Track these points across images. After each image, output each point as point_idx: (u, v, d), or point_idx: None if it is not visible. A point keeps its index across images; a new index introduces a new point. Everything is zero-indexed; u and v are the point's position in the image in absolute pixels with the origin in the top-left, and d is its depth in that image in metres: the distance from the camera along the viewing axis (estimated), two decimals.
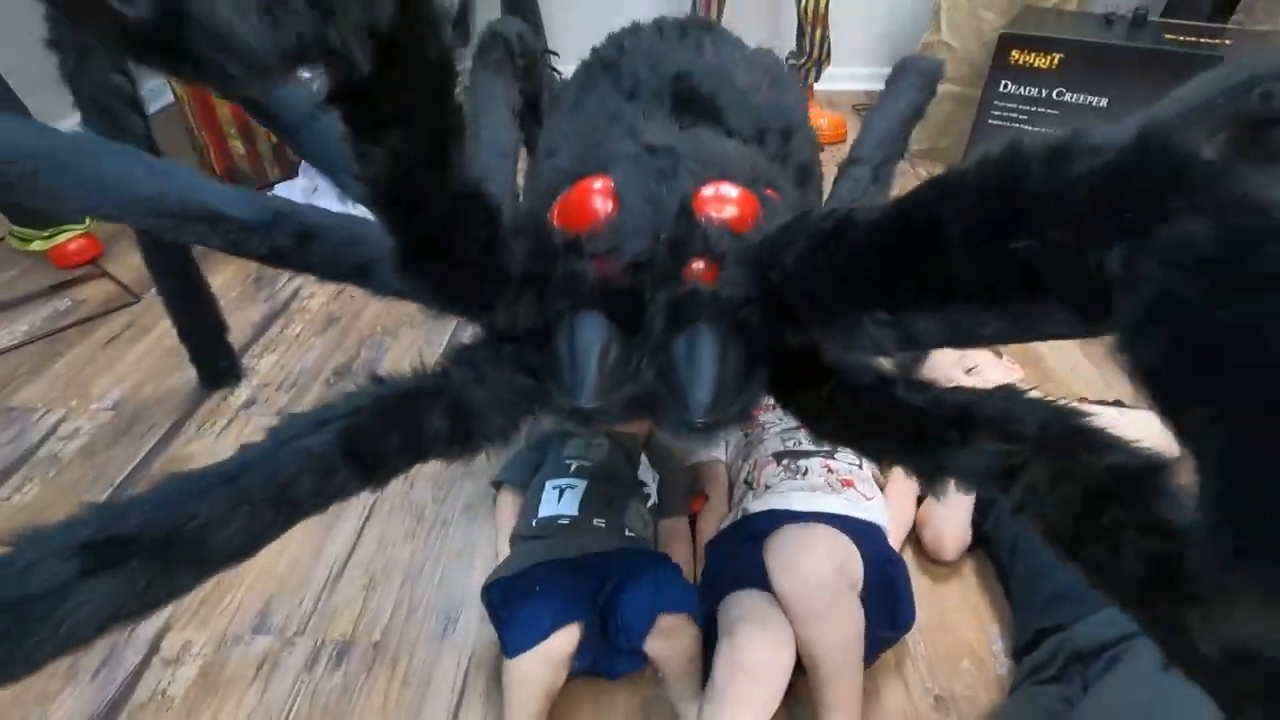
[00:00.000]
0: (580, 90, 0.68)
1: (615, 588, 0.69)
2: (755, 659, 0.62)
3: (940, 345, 0.49)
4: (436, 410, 0.44)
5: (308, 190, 1.61)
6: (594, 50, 0.75)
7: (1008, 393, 0.39)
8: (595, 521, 0.78)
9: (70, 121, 0.84)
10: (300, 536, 0.90)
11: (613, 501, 0.81)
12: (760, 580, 0.69)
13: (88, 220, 1.50)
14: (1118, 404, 0.91)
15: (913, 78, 0.90)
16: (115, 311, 1.35)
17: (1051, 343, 1.24)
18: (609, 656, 0.70)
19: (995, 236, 0.29)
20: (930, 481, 0.40)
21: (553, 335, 0.46)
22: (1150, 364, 0.23)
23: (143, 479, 0.99)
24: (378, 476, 0.42)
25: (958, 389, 0.40)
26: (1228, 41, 1.45)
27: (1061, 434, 0.35)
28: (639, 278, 0.45)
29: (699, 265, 0.45)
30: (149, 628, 0.80)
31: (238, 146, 1.75)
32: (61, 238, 1.46)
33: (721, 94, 0.62)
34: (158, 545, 0.34)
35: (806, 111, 0.77)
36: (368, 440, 0.41)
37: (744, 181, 0.49)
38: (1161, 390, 0.23)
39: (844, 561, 0.69)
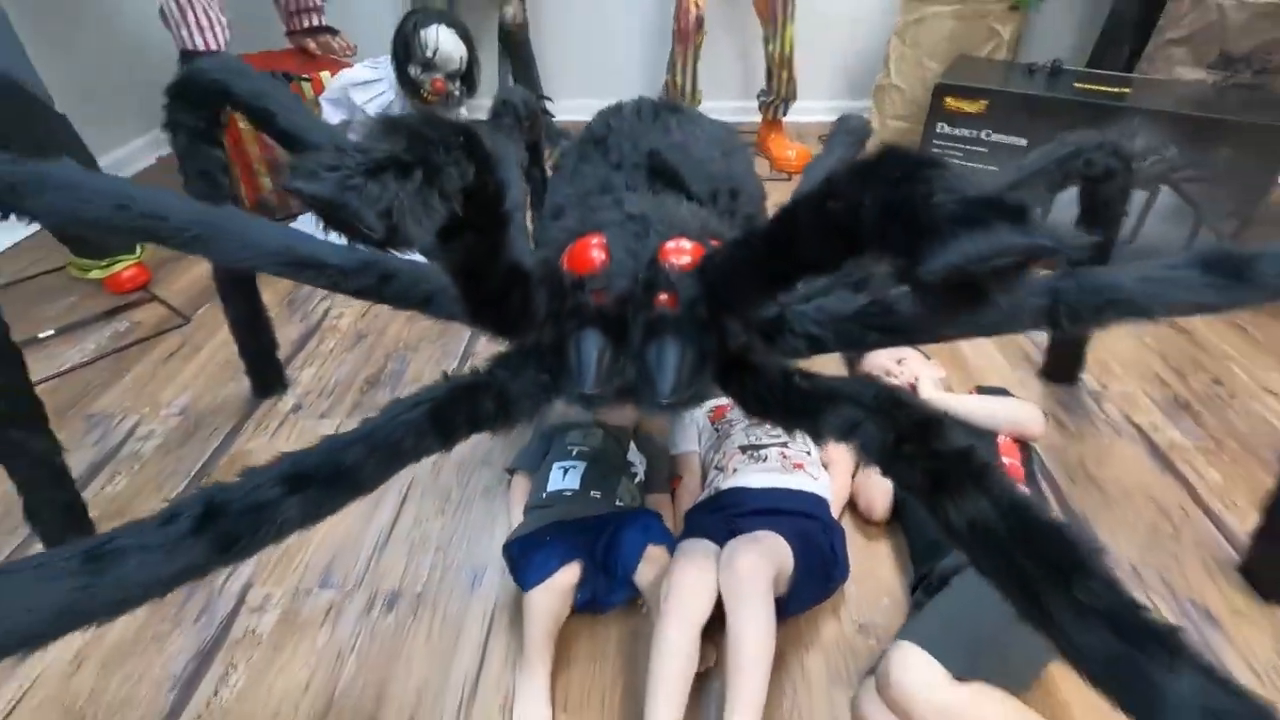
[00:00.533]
0: (579, 160, 0.89)
1: (613, 533, 0.90)
2: (684, 583, 0.81)
3: (831, 350, 0.71)
4: (488, 397, 0.65)
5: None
6: (588, 126, 0.96)
7: (861, 379, 0.60)
8: (592, 493, 0.99)
9: (113, 155, 1.04)
10: (352, 514, 1.10)
11: (607, 478, 1.01)
12: (713, 527, 0.90)
13: (139, 250, 1.70)
14: (1002, 390, 1.14)
15: (844, 135, 1.13)
16: (169, 332, 1.55)
17: (971, 345, 1.48)
18: (604, 590, 0.90)
19: (825, 222, 0.48)
20: (815, 437, 0.62)
21: (565, 345, 0.67)
22: (888, 243, 0.41)
23: (213, 471, 1.19)
24: (450, 441, 0.63)
25: (830, 378, 0.62)
26: (1128, 90, 1.69)
27: (886, 401, 0.57)
28: (623, 306, 0.66)
29: (664, 297, 0.66)
30: (235, 583, 1.00)
31: (265, 183, 1.96)
32: (117, 267, 1.66)
33: (684, 166, 0.84)
34: (327, 478, 0.54)
35: (753, 172, 0.99)
36: (445, 416, 0.62)
37: (695, 236, 0.70)
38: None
39: (776, 561, 0.85)
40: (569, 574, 0.86)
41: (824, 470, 1.08)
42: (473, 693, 0.87)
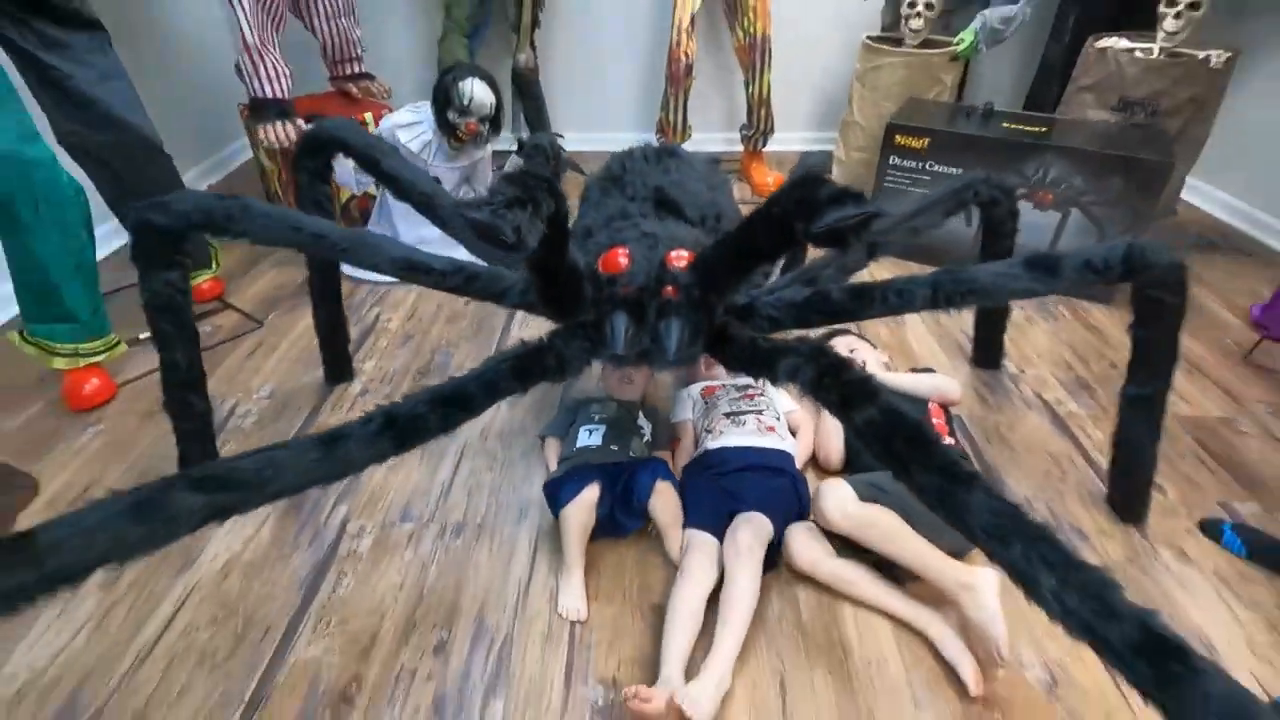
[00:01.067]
0: (601, 194, 1.20)
1: (631, 473, 1.20)
2: (693, 564, 1.10)
3: (786, 328, 1.02)
4: (549, 357, 0.95)
5: None
6: (606, 166, 1.27)
7: (801, 340, 0.91)
8: (611, 447, 1.29)
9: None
10: (420, 469, 1.39)
11: (622, 437, 1.31)
12: (704, 510, 1.19)
13: (215, 265, 1.99)
14: (930, 369, 1.46)
15: (803, 168, 1.45)
16: (247, 334, 1.84)
17: (916, 340, 1.80)
18: (623, 515, 1.20)
19: (771, 221, 0.79)
20: (773, 380, 0.92)
21: (601, 323, 0.97)
22: (799, 218, 0.73)
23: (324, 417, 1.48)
24: (526, 385, 0.93)
25: (780, 341, 0.93)
26: (1047, 129, 2.03)
27: (814, 353, 0.88)
28: (641, 295, 0.97)
29: (669, 290, 0.96)
30: (336, 517, 1.29)
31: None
32: (197, 279, 1.95)
33: (681, 198, 1.15)
34: (456, 401, 0.84)
35: (733, 199, 1.31)
36: (523, 367, 0.92)
37: (690, 247, 1.01)
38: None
39: (764, 537, 1.14)
40: (591, 492, 1.16)
41: (790, 435, 1.38)
42: (525, 590, 1.16)
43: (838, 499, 1.11)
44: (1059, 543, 0.65)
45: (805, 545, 1.15)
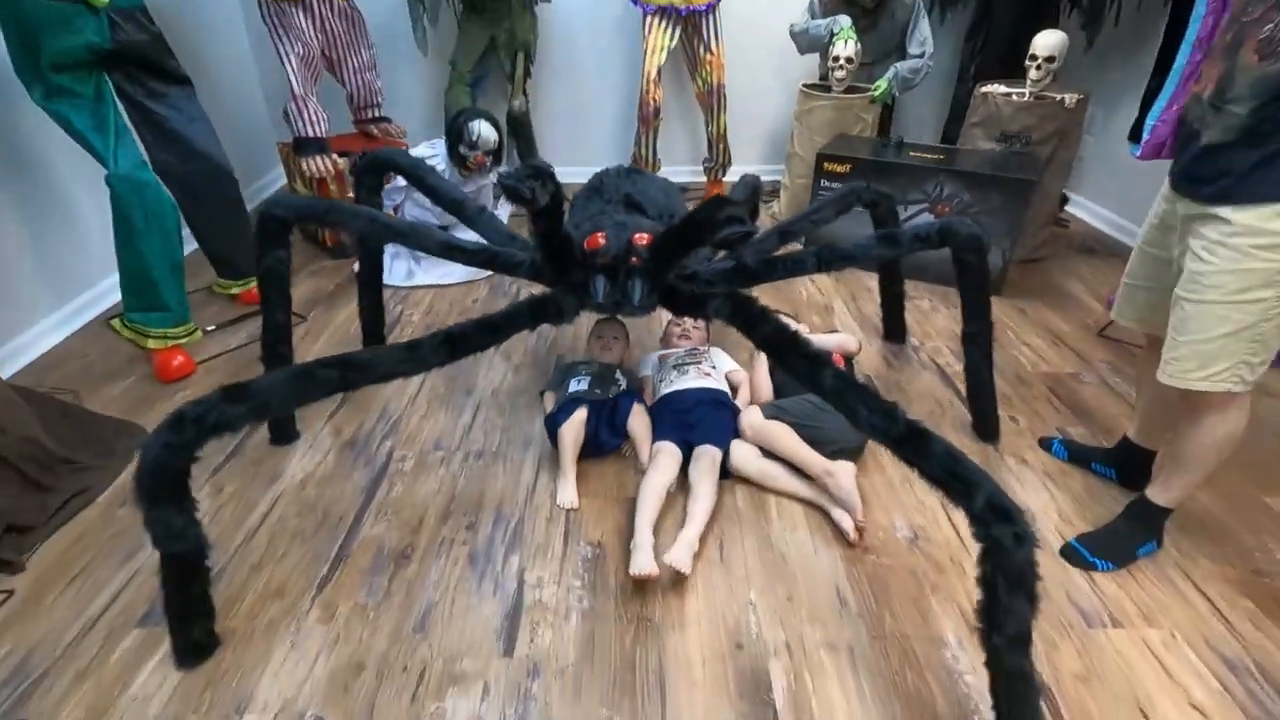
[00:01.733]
0: (585, 200, 1.64)
1: (614, 403, 1.61)
2: (659, 462, 1.50)
3: (717, 287, 1.45)
4: (550, 306, 1.37)
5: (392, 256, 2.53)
6: (588, 181, 1.71)
7: (727, 292, 1.34)
8: (596, 390, 1.69)
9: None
10: (445, 417, 1.79)
11: (604, 385, 1.72)
12: (668, 430, 1.59)
13: None
14: (834, 331, 1.90)
15: (742, 185, 1.90)
16: (294, 327, 2.23)
17: (841, 323, 2.23)
18: (607, 435, 1.60)
19: (698, 222, 1.22)
20: (705, 317, 1.35)
21: (587, 282, 1.39)
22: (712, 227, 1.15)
23: (355, 397, 1.87)
24: (535, 323, 1.35)
25: (709, 289, 1.35)
26: (944, 156, 2.52)
27: (730, 295, 1.30)
28: (615, 263, 1.39)
29: (634, 259, 1.38)
30: (384, 449, 1.67)
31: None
32: (250, 284, 2.34)
33: (645, 201, 1.59)
34: (490, 328, 1.26)
35: (682, 203, 1.74)
36: (533, 311, 1.33)
37: (650, 232, 1.44)
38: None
39: (718, 459, 1.55)
40: (580, 413, 1.56)
41: (725, 380, 1.78)
42: (532, 491, 1.55)
43: (749, 418, 1.56)
44: (877, 396, 1.06)
45: (741, 452, 1.56)
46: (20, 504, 1.42)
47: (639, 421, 1.60)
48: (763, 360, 1.81)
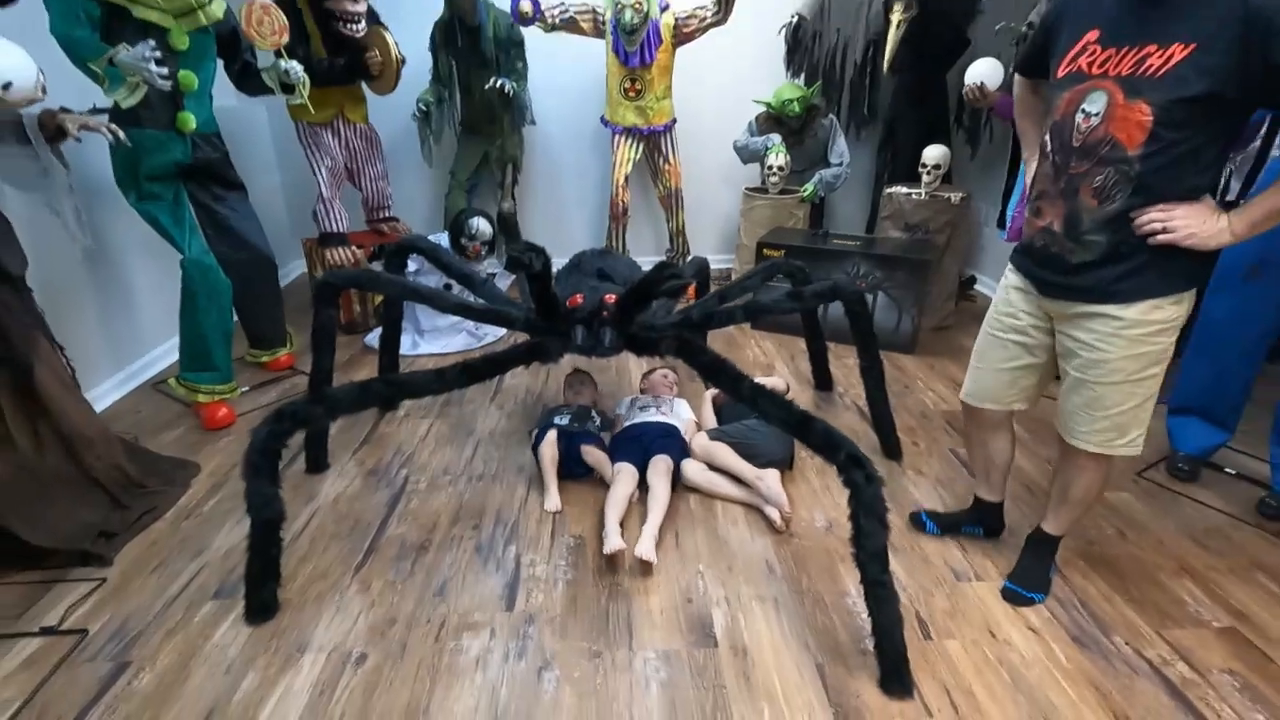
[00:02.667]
0: (568, 272, 2.10)
1: (572, 442, 2.00)
2: (621, 478, 1.88)
3: (669, 334, 1.90)
4: (539, 349, 1.80)
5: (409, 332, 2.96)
6: (570, 259, 2.18)
7: (675, 335, 1.78)
8: (574, 424, 2.09)
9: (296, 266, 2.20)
10: (450, 450, 2.16)
11: (582, 421, 2.12)
12: (629, 454, 1.99)
13: (290, 344, 2.79)
14: (775, 377, 2.34)
15: (692, 269, 2.39)
16: None
17: (783, 375, 2.68)
18: (571, 464, 1.98)
19: (651, 283, 1.67)
20: (659, 356, 1.78)
21: (569, 331, 1.82)
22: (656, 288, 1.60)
23: (374, 439, 2.23)
24: (529, 362, 1.77)
25: (662, 333, 1.80)
26: (860, 243, 3.07)
27: (677, 337, 1.74)
28: (590, 317, 1.83)
29: (605, 313, 1.83)
30: (401, 475, 2.02)
31: (355, 307, 3.12)
32: (279, 353, 2.74)
33: (613, 273, 2.06)
34: (497, 362, 1.68)
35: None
36: (528, 352, 1.76)
37: (616, 295, 1.89)
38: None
39: (671, 467, 1.96)
40: (551, 434, 1.95)
41: (680, 420, 2.19)
42: (525, 503, 1.91)
43: (699, 440, 1.98)
44: (778, 397, 1.49)
45: (691, 468, 1.94)
46: (108, 516, 1.75)
47: (592, 455, 1.98)
48: (707, 398, 2.24)
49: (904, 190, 3.15)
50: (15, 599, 1.54)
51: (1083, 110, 1.21)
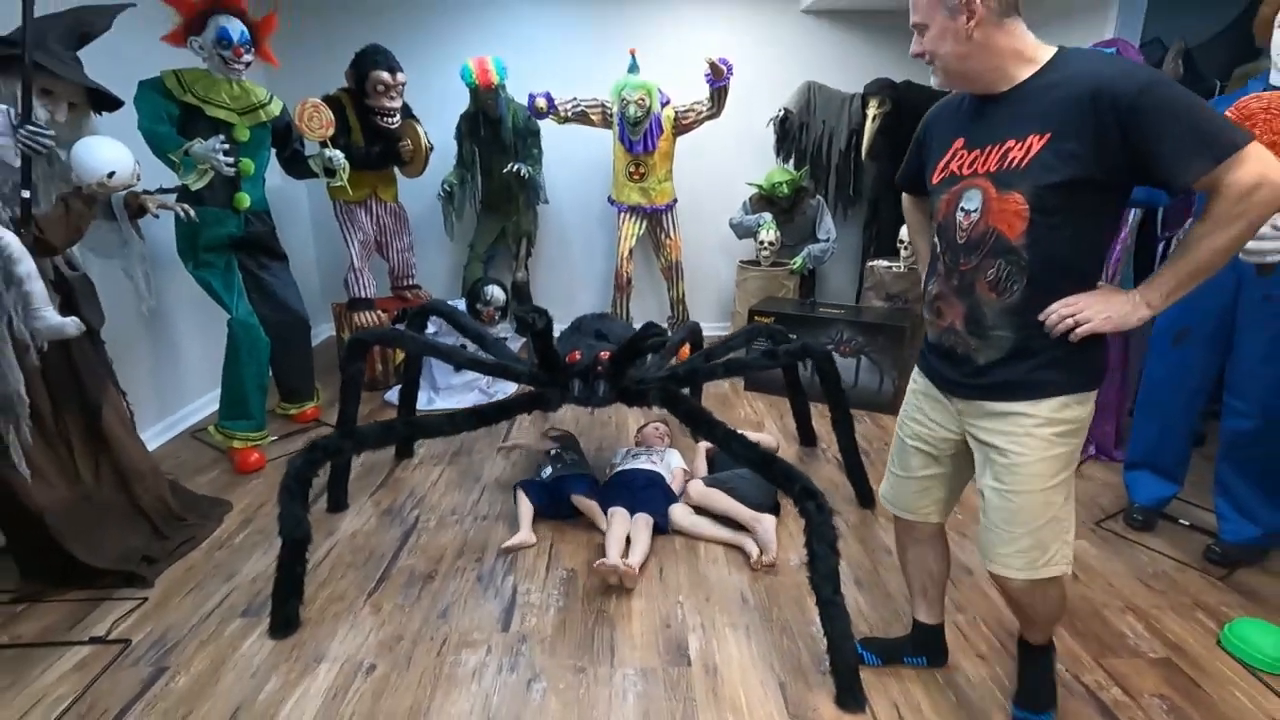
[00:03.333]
0: (569, 333, 2.35)
1: (562, 486, 2.19)
2: (615, 521, 2.07)
3: (657, 386, 2.14)
4: (540, 399, 2.02)
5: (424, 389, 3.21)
6: (570, 323, 2.44)
7: (661, 388, 2.01)
8: (558, 466, 2.28)
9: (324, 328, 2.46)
10: (460, 494, 2.35)
11: (567, 465, 2.31)
12: (619, 498, 2.18)
13: (317, 398, 3.04)
14: (765, 436, 2.53)
15: (684, 332, 2.64)
16: None
17: (771, 433, 2.87)
18: (560, 506, 2.16)
19: (640, 340, 1.90)
20: (647, 406, 2.00)
21: (567, 384, 2.06)
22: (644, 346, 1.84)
23: (390, 481, 2.44)
24: (531, 410, 1.99)
25: (650, 385, 2.02)
26: (844, 311, 3.32)
27: (663, 389, 1.97)
28: (587, 370, 2.06)
29: (600, 368, 2.06)
30: (413, 515, 2.22)
31: (378, 367, 3.39)
32: (305, 407, 2.99)
33: (608, 334, 2.31)
34: (502, 409, 1.90)
35: None
36: (530, 401, 1.99)
37: (610, 352, 2.13)
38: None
39: (649, 521, 2.15)
40: (522, 495, 2.14)
41: (669, 469, 2.38)
42: (509, 533, 2.09)
43: (694, 488, 2.14)
44: (746, 439, 1.69)
45: (678, 512, 2.12)
46: (151, 544, 1.96)
47: (584, 504, 2.16)
48: (701, 449, 2.43)
49: (884, 264, 3.42)
50: (69, 613, 1.74)
51: (961, 209, 1.21)
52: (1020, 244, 1.15)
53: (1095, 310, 1.14)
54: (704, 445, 2.50)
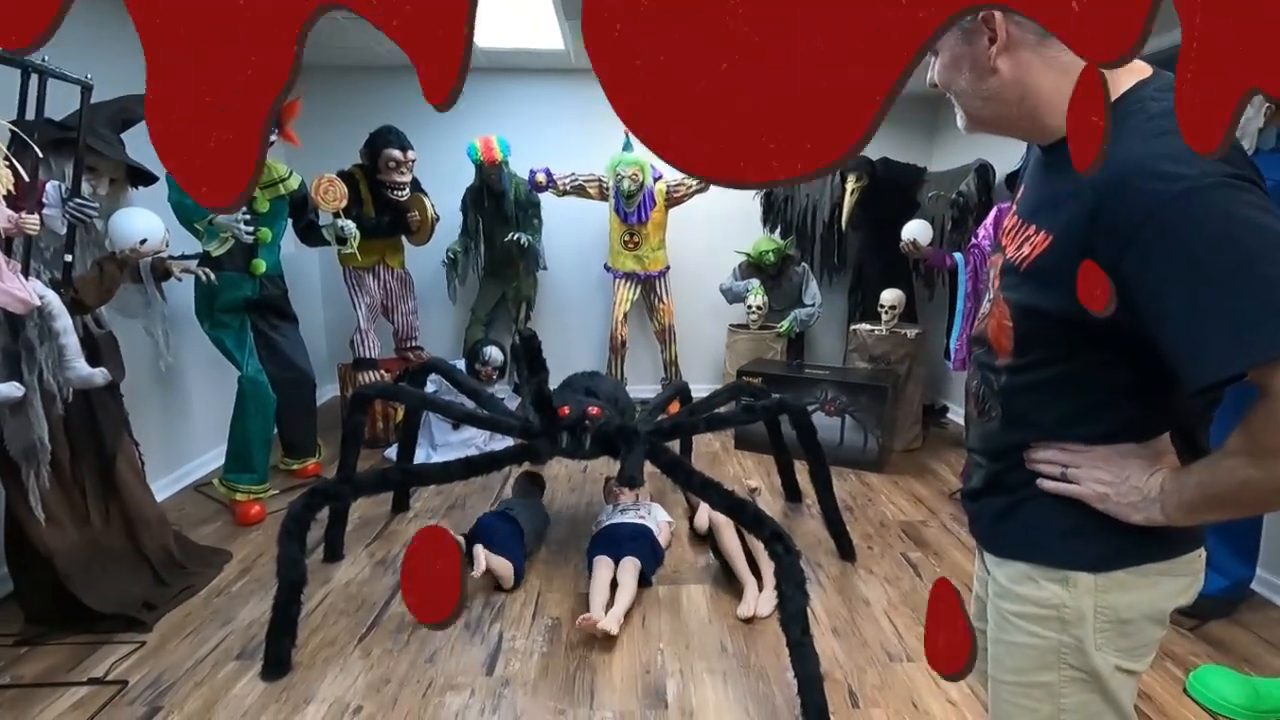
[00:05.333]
0: (561, 389, 2.48)
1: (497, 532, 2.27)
2: (598, 571, 2.15)
3: (645, 439, 2.24)
4: (532, 451, 2.13)
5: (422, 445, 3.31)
6: (563, 380, 2.57)
7: (644, 438, 2.12)
8: (513, 508, 2.36)
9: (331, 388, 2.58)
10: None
11: (517, 506, 2.39)
12: (605, 549, 2.26)
13: (318, 454, 3.15)
14: (754, 491, 2.62)
15: (673, 390, 2.77)
16: None
17: (754, 469, 2.96)
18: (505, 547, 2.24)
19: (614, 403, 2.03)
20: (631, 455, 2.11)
21: (557, 436, 2.17)
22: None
23: (391, 524, 2.51)
24: (522, 461, 2.10)
25: (633, 438, 2.13)
26: (829, 372, 3.45)
27: (650, 444, 2.08)
28: (575, 423, 2.18)
29: (587, 421, 2.18)
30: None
31: (379, 424, 3.50)
32: (306, 463, 3.09)
33: (598, 390, 2.43)
34: (494, 460, 2.01)
35: (627, 395, 2.58)
36: (521, 453, 2.09)
37: (599, 407, 2.25)
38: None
39: (636, 567, 2.23)
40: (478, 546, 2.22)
41: (655, 522, 2.46)
42: (496, 582, 2.15)
43: (702, 511, 2.23)
44: (720, 486, 1.79)
45: (702, 514, 2.18)
46: (151, 589, 2.03)
47: (479, 551, 2.19)
48: (704, 507, 2.53)
49: (867, 327, 3.57)
50: (70, 654, 1.80)
51: (989, 286, 0.90)
52: (1003, 365, 0.84)
53: (1093, 475, 0.78)
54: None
